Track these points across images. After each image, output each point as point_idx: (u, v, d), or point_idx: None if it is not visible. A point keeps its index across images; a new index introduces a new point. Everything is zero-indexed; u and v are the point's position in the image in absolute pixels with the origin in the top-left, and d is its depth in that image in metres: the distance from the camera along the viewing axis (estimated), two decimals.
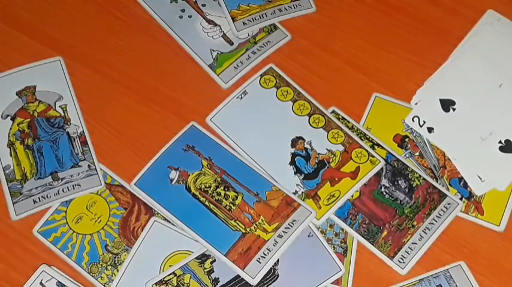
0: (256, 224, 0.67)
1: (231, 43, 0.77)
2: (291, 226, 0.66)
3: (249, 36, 0.78)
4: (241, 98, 0.73)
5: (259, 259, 0.65)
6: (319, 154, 0.71)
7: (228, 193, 0.68)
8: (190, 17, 0.79)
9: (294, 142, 0.71)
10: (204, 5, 0.79)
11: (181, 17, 0.79)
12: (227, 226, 0.67)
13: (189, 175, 0.69)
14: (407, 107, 0.74)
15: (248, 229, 0.66)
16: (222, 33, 0.78)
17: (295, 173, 0.70)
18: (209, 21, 0.79)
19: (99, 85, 0.75)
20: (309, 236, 0.67)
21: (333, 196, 0.68)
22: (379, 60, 0.76)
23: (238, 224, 0.67)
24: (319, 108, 0.73)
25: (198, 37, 0.77)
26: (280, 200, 0.68)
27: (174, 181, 0.69)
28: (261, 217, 0.67)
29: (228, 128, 0.72)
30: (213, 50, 0.77)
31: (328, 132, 0.72)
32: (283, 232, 0.66)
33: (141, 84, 0.76)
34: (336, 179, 0.69)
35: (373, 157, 0.70)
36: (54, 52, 0.76)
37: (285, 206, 0.67)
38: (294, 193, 0.69)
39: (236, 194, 0.68)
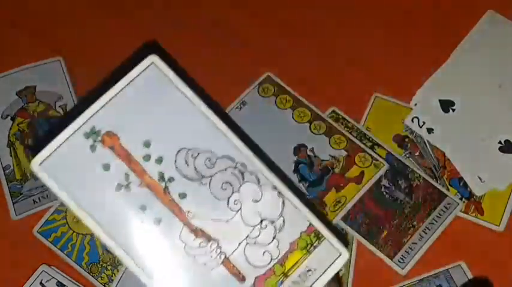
0: None
1: None
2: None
3: None
4: (240, 108, 0.73)
5: None
6: (322, 160, 0.70)
7: None
8: None
9: (297, 150, 0.71)
10: None
11: None
12: None
13: None
14: (408, 107, 0.73)
15: None
16: None
17: (299, 181, 0.70)
18: None
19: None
20: None
21: (339, 202, 0.68)
22: (379, 60, 0.76)
23: None
24: (319, 114, 0.72)
25: None
26: None
27: None
28: None
29: None
30: None
31: (330, 138, 0.71)
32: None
33: None
34: (341, 185, 0.69)
35: (377, 160, 0.70)
36: (54, 52, 0.76)
37: None
38: None
39: None
